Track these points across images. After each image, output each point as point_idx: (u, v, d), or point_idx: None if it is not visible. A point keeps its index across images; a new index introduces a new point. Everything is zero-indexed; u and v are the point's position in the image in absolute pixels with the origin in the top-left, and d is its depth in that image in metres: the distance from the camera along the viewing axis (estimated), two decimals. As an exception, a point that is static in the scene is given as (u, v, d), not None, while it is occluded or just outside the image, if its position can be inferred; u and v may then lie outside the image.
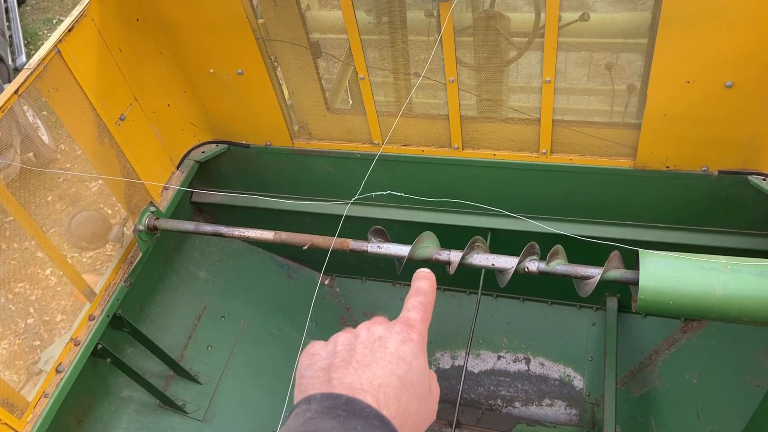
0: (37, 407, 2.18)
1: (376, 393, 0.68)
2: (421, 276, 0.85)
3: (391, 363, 0.71)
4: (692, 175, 2.39)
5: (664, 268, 1.84)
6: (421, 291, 0.82)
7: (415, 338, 0.76)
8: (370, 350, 0.72)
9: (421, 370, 0.74)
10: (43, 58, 2.07)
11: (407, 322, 0.77)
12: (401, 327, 0.76)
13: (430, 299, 0.82)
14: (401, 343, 0.74)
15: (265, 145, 2.85)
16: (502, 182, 2.66)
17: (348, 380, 0.69)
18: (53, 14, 7.96)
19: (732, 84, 2.07)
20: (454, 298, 3.44)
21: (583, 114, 3.61)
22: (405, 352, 0.73)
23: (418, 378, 0.73)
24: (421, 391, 0.73)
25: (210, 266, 3.20)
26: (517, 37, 2.57)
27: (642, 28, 2.40)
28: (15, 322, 4.92)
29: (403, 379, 0.71)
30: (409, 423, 0.70)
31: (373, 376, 0.69)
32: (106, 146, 2.39)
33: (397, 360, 0.72)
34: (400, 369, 0.71)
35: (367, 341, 0.74)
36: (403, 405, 0.70)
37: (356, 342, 0.74)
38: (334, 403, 0.66)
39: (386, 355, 0.72)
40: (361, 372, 0.70)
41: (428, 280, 0.84)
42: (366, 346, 0.73)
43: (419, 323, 0.78)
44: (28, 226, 2.16)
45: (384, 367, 0.71)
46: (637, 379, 3.06)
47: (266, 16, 2.46)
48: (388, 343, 0.73)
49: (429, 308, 0.81)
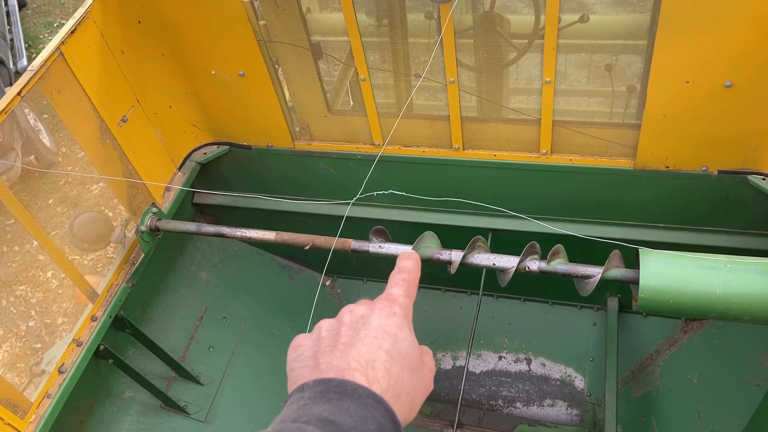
0: (39, 408, 2.19)
1: (364, 370, 0.69)
2: (404, 256, 0.87)
3: (376, 338, 0.72)
4: (692, 175, 2.39)
5: (665, 266, 1.84)
6: (404, 269, 0.84)
7: (398, 311, 0.77)
8: (354, 330, 0.73)
9: (409, 340, 0.76)
10: (45, 60, 2.08)
11: (389, 297, 0.79)
12: (383, 303, 0.78)
13: (414, 276, 0.84)
14: (384, 318, 0.75)
15: (267, 147, 2.86)
16: (503, 182, 2.67)
17: (336, 363, 0.70)
18: (54, 18, 7.99)
19: (731, 84, 2.08)
20: (455, 299, 3.45)
21: (583, 115, 3.63)
22: (389, 326, 0.75)
23: (406, 348, 0.74)
24: (411, 361, 0.74)
25: (211, 267, 3.21)
26: (517, 39, 2.59)
27: (641, 29, 2.41)
28: (16, 324, 4.93)
29: (391, 352, 0.72)
30: (403, 393, 0.71)
31: (360, 354, 0.70)
32: (109, 148, 2.40)
33: (382, 334, 0.73)
34: (386, 343, 0.73)
35: (350, 322, 0.75)
36: (394, 376, 0.71)
37: (340, 326, 0.75)
38: (326, 387, 0.67)
39: (370, 332, 0.73)
40: (347, 352, 0.70)
41: (412, 259, 0.86)
42: (350, 327, 0.74)
43: (401, 297, 0.80)
44: (31, 229, 2.17)
45: (369, 343, 0.72)
46: (638, 379, 3.07)
47: (267, 18, 2.47)
48: (372, 320, 0.75)
49: (412, 284, 0.83)
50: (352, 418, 0.63)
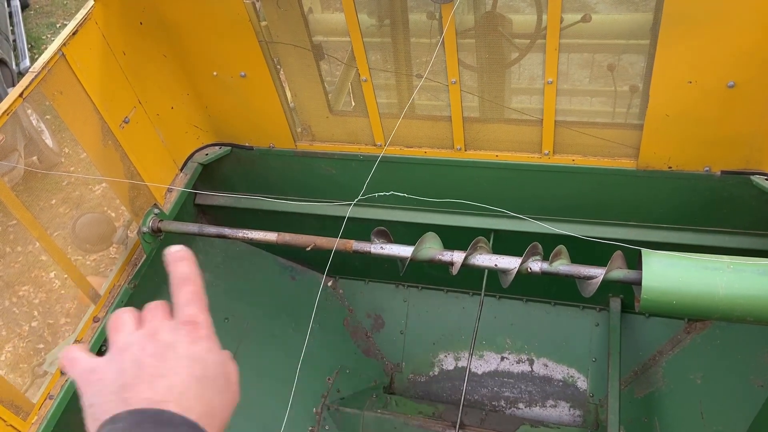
0: (42, 409, 2.19)
1: (178, 400, 0.68)
2: (177, 258, 0.80)
3: (186, 367, 0.72)
4: (695, 176, 2.39)
5: (667, 267, 1.84)
6: (187, 278, 0.79)
7: (203, 334, 0.76)
8: (161, 360, 0.72)
9: (217, 362, 0.75)
10: (47, 61, 2.08)
11: (191, 320, 0.76)
12: (187, 330, 0.75)
13: (199, 284, 0.79)
14: (192, 344, 0.74)
15: (268, 147, 2.86)
16: (505, 183, 2.66)
17: (145, 395, 0.68)
18: (56, 18, 8.00)
19: (734, 84, 2.07)
20: (457, 300, 3.44)
21: (585, 115, 3.62)
22: (198, 352, 0.74)
23: (215, 372, 0.74)
24: (220, 383, 0.74)
25: (213, 268, 3.21)
26: (519, 39, 2.58)
27: (644, 29, 2.40)
28: (19, 325, 4.93)
29: (202, 379, 0.72)
30: (216, 415, 0.72)
31: (171, 385, 0.69)
32: (110, 149, 2.40)
33: (192, 362, 0.72)
34: (197, 370, 0.72)
35: (155, 352, 0.72)
36: (207, 402, 0.71)
37: (143, 356, 0.72)
38: (142, 418, 0.66)
39: (180, 360, 0.72)
40: (157, 384, 0.69)
41: (186, 260, 0.80)
42: (155, 356, 0.72)
43: (201, 316, 0.77)
44: (33, 229, 2.17)
45: (180, 372, 0.71)
46: (640, 380, 3.06)
47: (269, 19, 2.47)
48: (179, 348, 0.73)
49: (203, 294, 0.79)
50: None
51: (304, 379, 2.39)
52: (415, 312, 3.47)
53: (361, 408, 3.13)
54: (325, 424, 3.14)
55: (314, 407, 3.17)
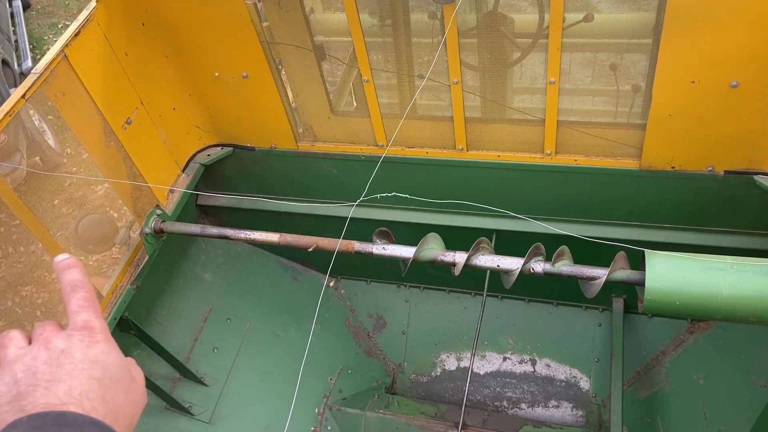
0: (44, 410, 2.19)
1: (79, 401, 0.68)
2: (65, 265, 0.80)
3: (85, 369, 0.71)
4: (698, 175, 2.38)
5: (671, 268, 1.83)
6: (77, 284, 0.79)
7: (99, 338, 0.75)
8: (56, 366, 0.71)
9: (117, 363, 0.75)
10: (49, 62, 2.08)
11: (84, 326, 0.75)
12: (81, 334, 0.75)
13: (90, 289, 0.80)
14: (88, 348, 0.73)
15: (270, 148, 2.85)
16: (507, 183, 2.66)
17: (42, 401, 0.67)
18: (58, 19, 8.01)
19: (737, 84, 2.07)
20: (459, 300, 3.44)
21: (587, 115, 3.61)
22: (96, 354, 0.73)
23: (117, 372, 0.74)
24: (123, 383, 0.74)
25: (216, 268, 3.21)
26: (521, 39, 2.58)
27: (646, 29, 2.39)
28: (22, 325, 4.93)
29: (102, 380, 0.71)
30: (120, 416, 0.71)
31: (71, 388, 0.69)
32: (113, 150, 2.40)
33: (91, 364, 0.72)
34: (96, 371, 0.72)
35: (49, 359, 0.72)
36: (110, 402, 0.70)
37: (37, 364, 0.71)
38: (44, 421, 0.65)
39: (77, 364, 0.71)
40: (54, 389, 0.68)
41: (75, 267, 0.80)
42: (50, 364, 0.71)
43: (96, 321, 0.77)
44: (36, 230, 2.17)
45: (78, 375, 0.70)
46: (643, 380, 3.06)
47: (270, 20, 2.47)
48: (75, 353, 0.72)
49: (94, 299, 0.79)
50: None
51: (306, 380, 2.39)
52: (417, 312, 3.47)
53: (363, 408, 3.13)
54: (327, 425, 3.14)
55: (316, 407, 3.17)
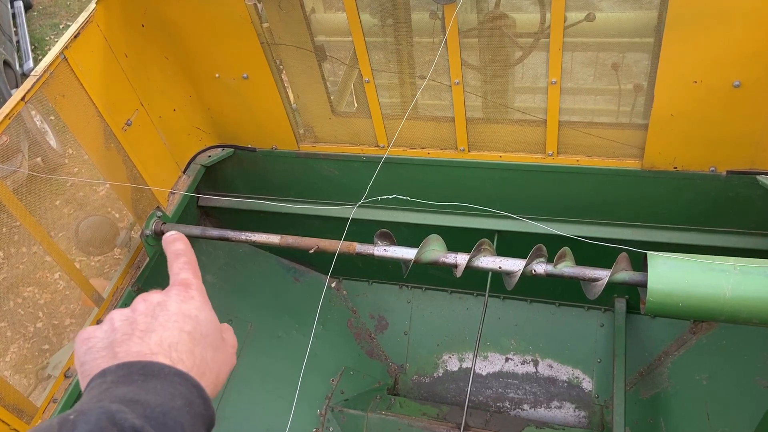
0: (45, 413, 2.19)
1: (168, 352, 0.69)
2: (171, 239, 0.85)
3: (177, 322, 0.73)
4: (700, 176, 2.37)
5: (673, 270, 1.82)
6: (180, 252, 0.84)
7: (195, 295, 0.78)
8: (151, 317, 0.73)
9: (209, 320, 0.77)
10: (49, 64, 2.08)
11: (182, 282, 0.79)
12: (178, 289, 0.78)
13: (191, 255, 0.84)
14: (183, 302, 0.76)
15: (271, 149, 2.85)
16: (509, 184, 2.65)
17: (135, 349, 0.69)
18: (60, 19, 8.01)
19: (740, 84, 2.06)
20: (461, 300, 3.43)
21: (589, 115, 3.60)
22: (189, 309, 0.75)
23: (207, 328, 0.76)
24: (213, 340, 0.76)
25: (217, 270, 3.20)
26: (522, 38, 2.57)
27: (648, 28, 2.38)
28: (24, 326, 4.94)
29: (193, 334, 0.73)
30: (207, 372, 0.73)
31: (161, 339, 0.70)
32: (113, 152, 2.40)
33: (183, 318, 0.74)
34: (187, 325, 0.73)
35: (146, 310, 0.74)
36: (198, 357, 0.72)
37: (135, 314, 0.74)
38: (130, 370, 0.66)
39: (170, 316, 0.73)
40: (147, 338, 0.70)
41: (180, 240, 0.85)
42: (146, 314, 0.74)
43: (193, 279, 0.80)
44: (36, 231, 2.17)
45: (170, 327, 0.72)
46: (646, 381, 3.05)
47: (271, 20, 2.46)
48: (169, 306, 0.75)
49: (195, 264, 0.83)
50: (158, 395, 0.63)
51: (308, 381, 2.39)
52: (418, 313, 3.47)
53: (365, 409, 3.12)
54: (329, 426, 3.14)
55: (318, 408, 3.17)
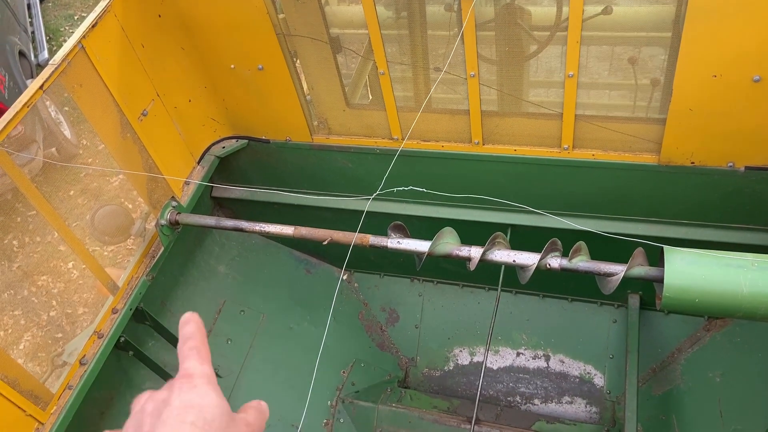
0: (61, 399, 2.21)
1: None
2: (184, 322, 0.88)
3: (179, 416, 0.74)
4: (718, 171, 2.34)
5: (690, 265, 1.81)
6: (189, 335, 0.85)
7: (198, 383, 0.79)
8: (155, 416, 0.75)
9: (214, 404, 0.78)
10: (67, 53, 2.09)
11: (185, 373, 0.80)
12: (181, 381, 0.79)
13: (200, 338, 0.85)
14: (185, 393, 0.77)
15: (285, 141, 2.85)
16: (523, 178, 2.63)
17: None
18: (75, 10, 8.05)
19: (760, 78, 2.03)
20: (473, 294, 3.42)
21: (605, 109, 3.57)
22: (191, 399, 0.77)
23: (212, 413, 0.77)
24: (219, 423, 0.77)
25: (230, 261, 3.22)
26: (538, 31, 2.55)
27: (667, 22, 2.35)
28: (38, 314, 5.00)
29: (196, 423, 0.74)
30: None
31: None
32: (129, 141, 2.41)
33: (185, 409, 0.75)
34: (189, 416, 0.75)
35: (152, 410, 0.76)
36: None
37: (143, 416, 0.76)
38: None
39: (173, 411, 0.75)
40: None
41: (192, 321, 0.87)
42: (152, 414, 0.76)
43: (198, 367, 0.81)
44: (53, 220, 2.18)
45: (171, 423, 0.74)
46: (658, 378, 3.03)
47: (286, 12, 2.46)
48: (173, 401, 0.76)
49: (203, 349, 0.84)
50: None
51: (319, 372, 2.39)
52: (430, 306, 3.46)
53: (376, 402, 3.13)
54: (340, 417, 3.15)
55: (329, 400, 3.18)
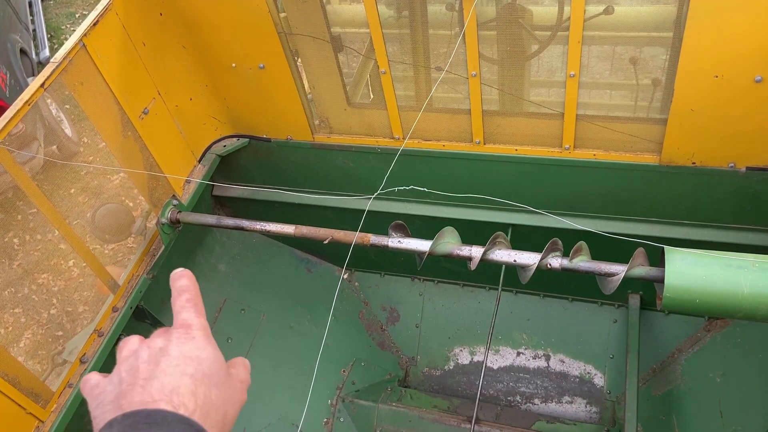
0: (61, 397, 2.21)
1: (169, 398, 0.70)
2: (177, 276, 0.87)
3: (178, 365, 0.74)
4: (719, 171, 2.34)
5: (691, 265, 1.81)
6: (183, 288, 0.85)
7: (196, 335, 0.79)
8: (153, 364, 0.75)
9: (212, 359, 0.78)
10: (68, 51, 2.09)
11: (183, 324, 0.80)
12: (179, 331, 0.79)
13: (195, 292, 0.85)
14: (183, 344, 0.77)
15: (286, 139, 2.85)
16: (524, 177, 2.63)
17: (138, 399, 0.70)
18: (76, 8, 8.04)
19: (761, 79, 2.03)
20: (473, 294, 3.42)
21: (606, 109, 3.56)
22: (190, 350, 0.76)
23: (211, 367, 0.77)
24: (217, 378, 0.77)
25: (230, 259, 3.22)
26: (540, 31, 2.54)
27: (668, 22, 2.35)
28: (38, 312, 5.00)
29: (195, 375, 0.74)
30: (212, 411, 0.73)
31: (163, 385, 0.72)
32: (130, 140, 2.41)
33: (184, 360, 0.75)
34: (189, 367, 0.74)
35: (149, 358, 0.76)
36: (201, 397, 0.73)
37: (138, 362, 0.75)
38: (135, 420, 0.68)
39: (171, 360, 0.75)
40: (149, 386, 0.72)
41: (185, 276, 0.87)
42: (148, 362, 0.75)
43: (195, 319, 0.81)
44: (54, 218, 2.18)
45: (171, 372, 0.73)
46: (659, 378, 3.03)
47: (288, 10, 2.46)
48: (171, 350, 0.76)
49: (198, 301, 0.84)
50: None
51: (320, 371, 2.40)
52: (430, 306, 3.46)
53: (376, 401, 3.13)
54: (340, 416, 3.15)
55: (329, 399, 3.18)
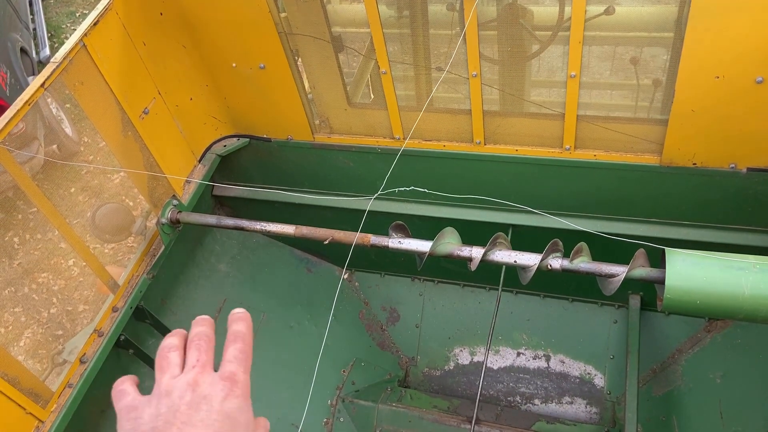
0: (61, 397, 2.21)
1: None
2: (236, 318, 0.87)
3: (216, 421, 0.75)
4: (720, 172, 2.34)
5: (692, 267, 1.80)
6: (239, 336, 0.85)
7: (239, 393, 0.79)
8: (195, 410, 0.75)
9: (246, 423, 0.79)
10: (68, 51, 2.09)
11: (230, 377, 0.80)
12: (224, 384, 0.79)
13: (249, 343, 0.85)
14: (225, 400, 0.78)
15: (286, 139, 2.85)
16: (525, 178, 2.63)
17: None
18: (76, 7, 8.04)
19: (762, 80, 2.02)
20: (473, 294, 3.42)
21: (607, 109, 3.56)
22: (231, 410, 0.78)
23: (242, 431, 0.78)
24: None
25: (230, 259, 3.22)
26: (541, 31, 2.54)
27: (669, 22, 2.35)
28: (38, 311, 5.00)
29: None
30: None
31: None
32: (130, 139, 2.41)
33: (223, 418, 0.76)
34: (226, 426, 0.76)
35: (191, 402, 0.76)
36: None
37: (180, 403, 0.76)
38: None
39: (212, 414, 0.76)
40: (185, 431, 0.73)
41: (245, 321, 0.87)
42: (190, 406, 0.76)
43: (242, 375, 0.82)
44: (53, 218, 2.18)
45: (209, 425, 0.74)
46: (659, 378, 3.03)
47: (289, 10, 2.46)
48: (213, 402, 0.77)
49: (249, 354, 0.85)
50: None
51: (320, 371, 2.40)
52: (430, 306, 3.46)
53: (376, 401, 3.13)
54: (340, 416, 3.15)
55: (329, 399, 3.18)
